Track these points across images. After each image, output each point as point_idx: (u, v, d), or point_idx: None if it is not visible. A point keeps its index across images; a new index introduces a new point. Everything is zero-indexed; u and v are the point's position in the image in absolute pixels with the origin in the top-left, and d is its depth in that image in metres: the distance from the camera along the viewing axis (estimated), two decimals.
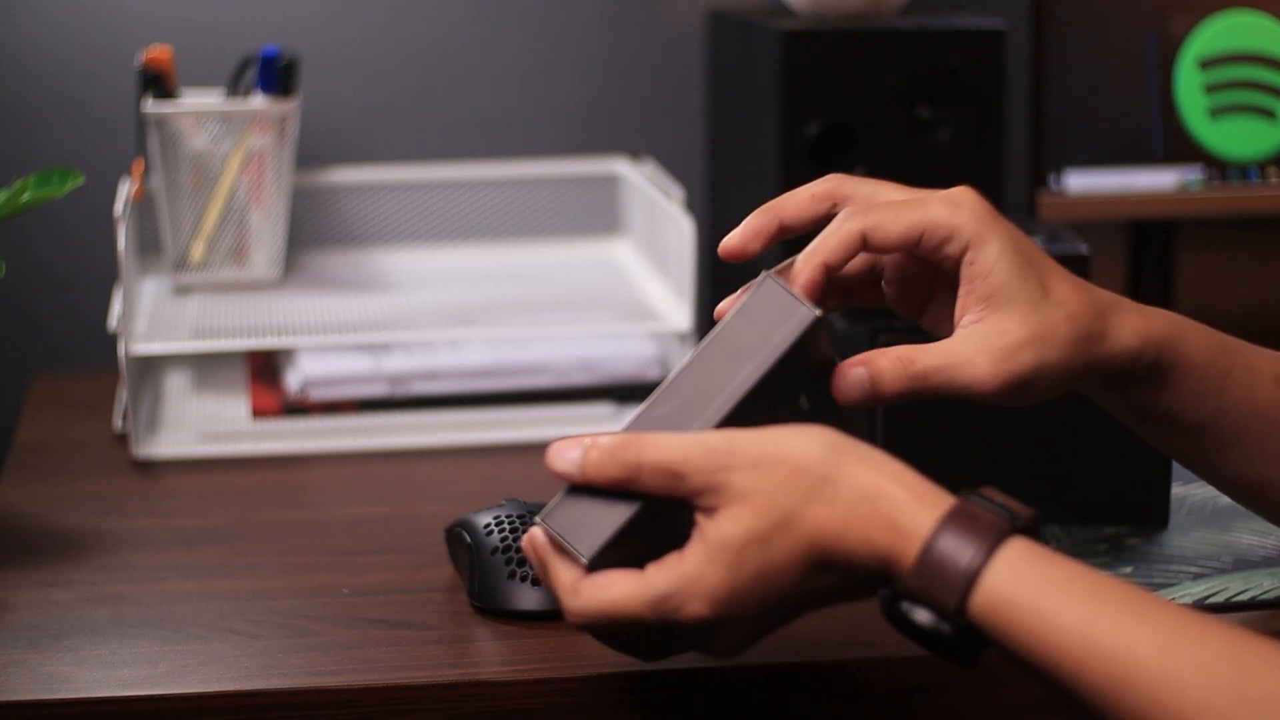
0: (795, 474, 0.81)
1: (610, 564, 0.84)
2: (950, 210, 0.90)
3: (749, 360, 0.85)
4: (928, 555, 0.78)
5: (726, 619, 0.82)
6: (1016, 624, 0.77)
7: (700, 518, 0.82)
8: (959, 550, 0.78)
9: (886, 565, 0.80)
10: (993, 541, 0.78)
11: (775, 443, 0.82)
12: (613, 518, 0.84)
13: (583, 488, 0.84)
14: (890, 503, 0.80)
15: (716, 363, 0.86)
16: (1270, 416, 0.95)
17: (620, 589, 0.83)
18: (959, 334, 0.89)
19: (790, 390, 0.87)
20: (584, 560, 0.84)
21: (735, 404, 0.85)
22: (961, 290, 0.90)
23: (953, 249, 0.90)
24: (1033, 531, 0.80)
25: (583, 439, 0.84)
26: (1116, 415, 0.97)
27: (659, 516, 0.84)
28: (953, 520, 0.79)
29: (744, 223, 0.91)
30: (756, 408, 0.85)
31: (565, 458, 0.84)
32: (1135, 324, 0.92)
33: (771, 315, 0.86)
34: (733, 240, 0.91)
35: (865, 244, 0.89)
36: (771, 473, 0.81)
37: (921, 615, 0.79)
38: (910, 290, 0.95)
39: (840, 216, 0.89)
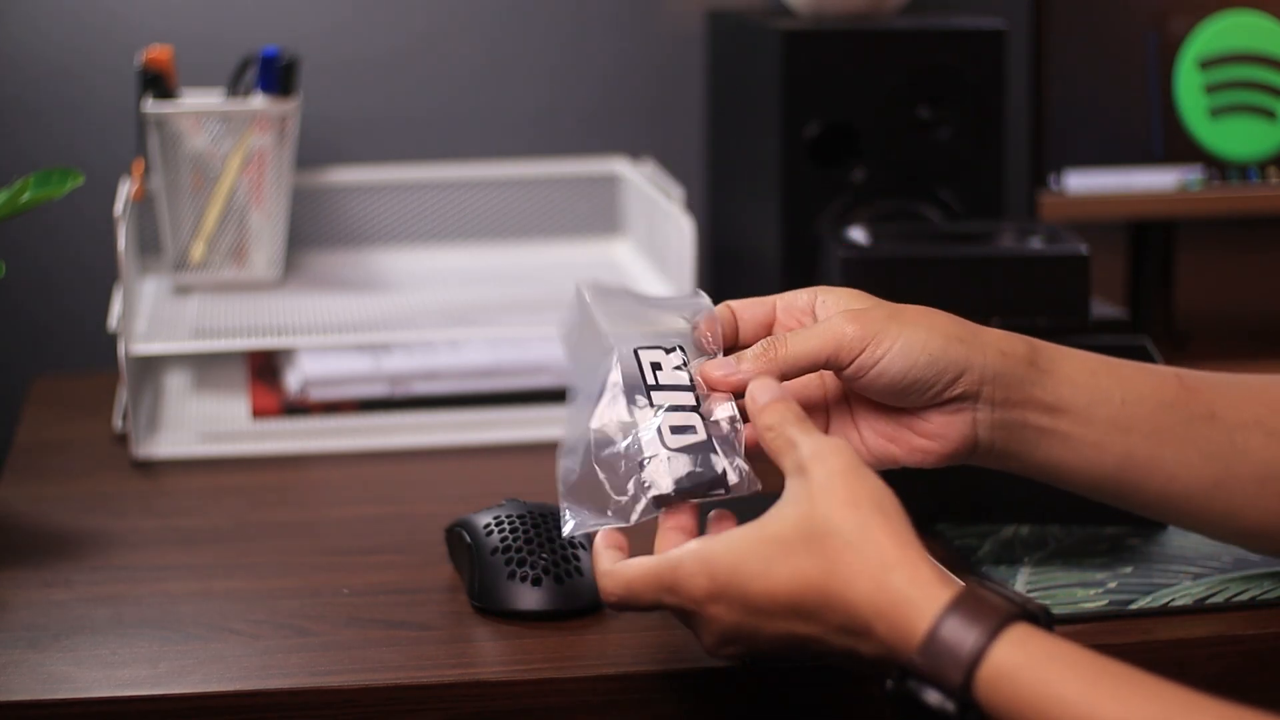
0: (850, 508, 0.84)
1: None
2: (796, 291, 0.98)
3: None
4: (936, 632, 0.80)
5: (710, 617, 0.86)
6: (1019, 699, 0.78)
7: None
8: (967, 628, 0.80)
9: (889, 634, 0.81)
10: (1000, 622, 0.80)
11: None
12: None
13: None
14: (907, 575, 0.82)
15: None
16: (1184, 410, 0.96)
17: (643, 561, 0.88)
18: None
19: None
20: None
21: None
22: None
23: (801, 301, 0.97)
24: (1043, 621, 0.81)
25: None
26: (1044, 461, 0.97)
27: None
28: (963, 601, 0.81)
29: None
30: None
31: None
32: (996, 330, 0.96)
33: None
34: None
35: (731, 310, 0.96)
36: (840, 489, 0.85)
37: (930, 695, 0.80)
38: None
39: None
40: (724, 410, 0.92)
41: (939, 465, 0.96)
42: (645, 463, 0.90)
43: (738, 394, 0.93)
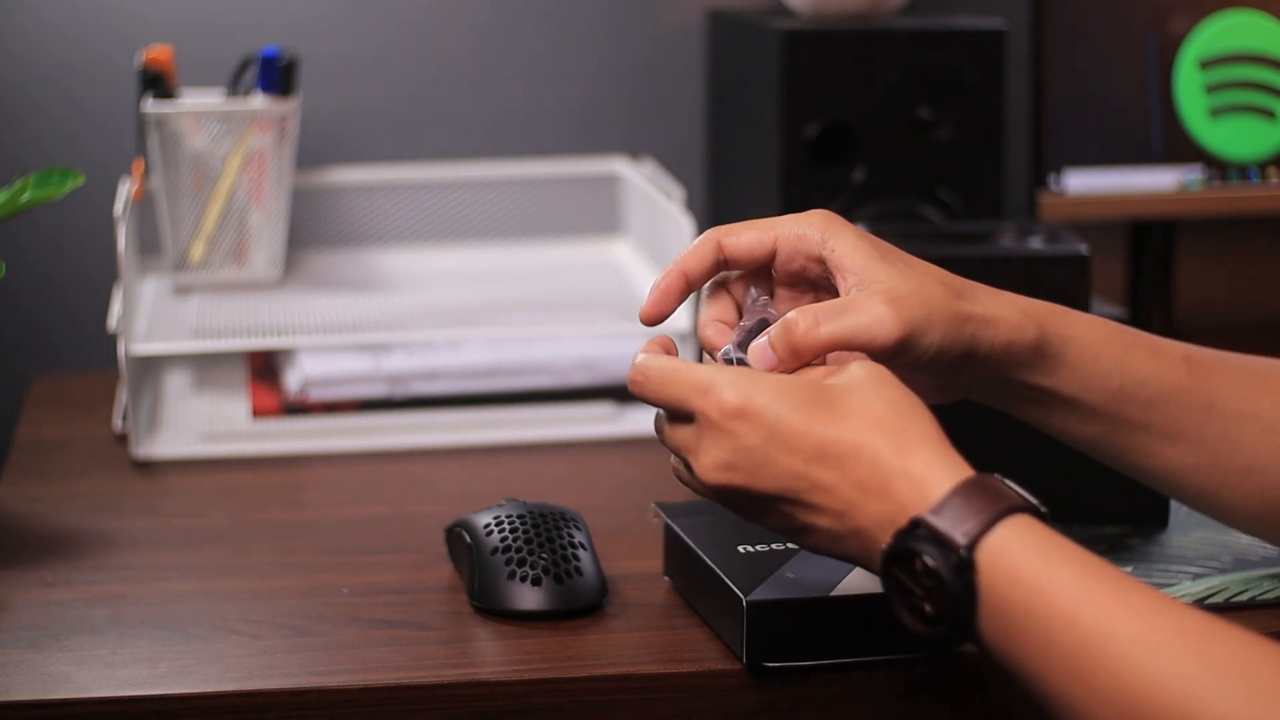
0: (894, 387, 0.86)
1: None
2: (797, 217, 0.95)
3: None
4: (956, 494, 0.82)
5: (726, 431, 0.86)
6: (1020, 575, 0.80)
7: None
8: (984, 503, 0.82)
9: (907, 493, 0.83)
10: (1012, 505, 0.82)
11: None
12: None
13: None
14: (939, 449, 0.84)
15: None
16: (1183, 399, 0.96)
17: (683, 361, 0.89)
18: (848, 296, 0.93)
19: None
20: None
21: None
22: (836, 280, 0.94)
23: (808, 245, 0.94)
24: (1044, 520, 0.83)
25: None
26: (1027, 416, 0.98)
27: None
28: (982, 481, 0.83)
29: (651, 289, 0.95)
30: None
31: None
32: (1007, 298, 0.95)
33: None
34: (648, 309, 0.95)
35: (722, 251, 0.94)
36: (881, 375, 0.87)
37: (929, 554, 0.82)
38: None
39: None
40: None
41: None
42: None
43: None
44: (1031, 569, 0.80)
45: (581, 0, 1.64)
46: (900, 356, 0.91)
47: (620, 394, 1.43)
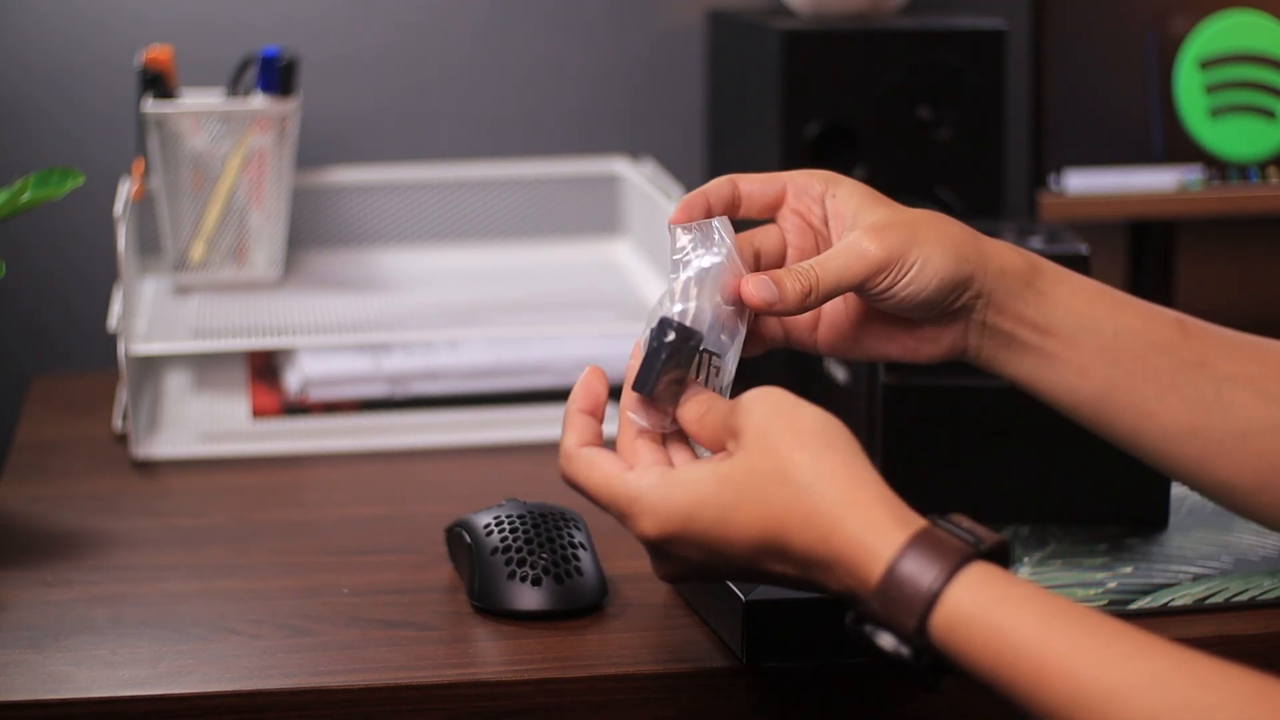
0: (788, 458, 0.83)
1: None
2: (803, 170, 0.98)
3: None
4: (890, 577, 0.80)
5: (666, 553, 0.87)
6: (974, 643, 0.78)
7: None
8: (921, 572, 0.79)
9: (848, 577, 0.81)
10: (955, 564, 0.79)
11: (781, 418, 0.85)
12: None
13: None
14: (862, 517, 0.81)
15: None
16: (1175, 353, 0.96)
17: (607, 469, 0.89)
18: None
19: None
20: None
21: None
22: (832, 226, 0.96)
23: (813, 189, 0.96)
24: (1000, 557, 0.81)
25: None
26: (1028, 376, 0.97)
27: None
28: (917, 543, 0.80)
29: (679, 204, 0.95)
30: None
31: None
32: (1000, 241, 0.96)
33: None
34: (675, 216, 0.95)
35: (736, 187, 0.96)
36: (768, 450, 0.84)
37: (884, 639, 0.80)
38: (837, 329, 0.99)
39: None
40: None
41: (930, 363, 0.98)
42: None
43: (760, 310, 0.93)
44: (988, 635, 0.78)
45: (581, 0, 1.64)
46: (891, 282, 0.92)
47: (620, 394, 1.42)
